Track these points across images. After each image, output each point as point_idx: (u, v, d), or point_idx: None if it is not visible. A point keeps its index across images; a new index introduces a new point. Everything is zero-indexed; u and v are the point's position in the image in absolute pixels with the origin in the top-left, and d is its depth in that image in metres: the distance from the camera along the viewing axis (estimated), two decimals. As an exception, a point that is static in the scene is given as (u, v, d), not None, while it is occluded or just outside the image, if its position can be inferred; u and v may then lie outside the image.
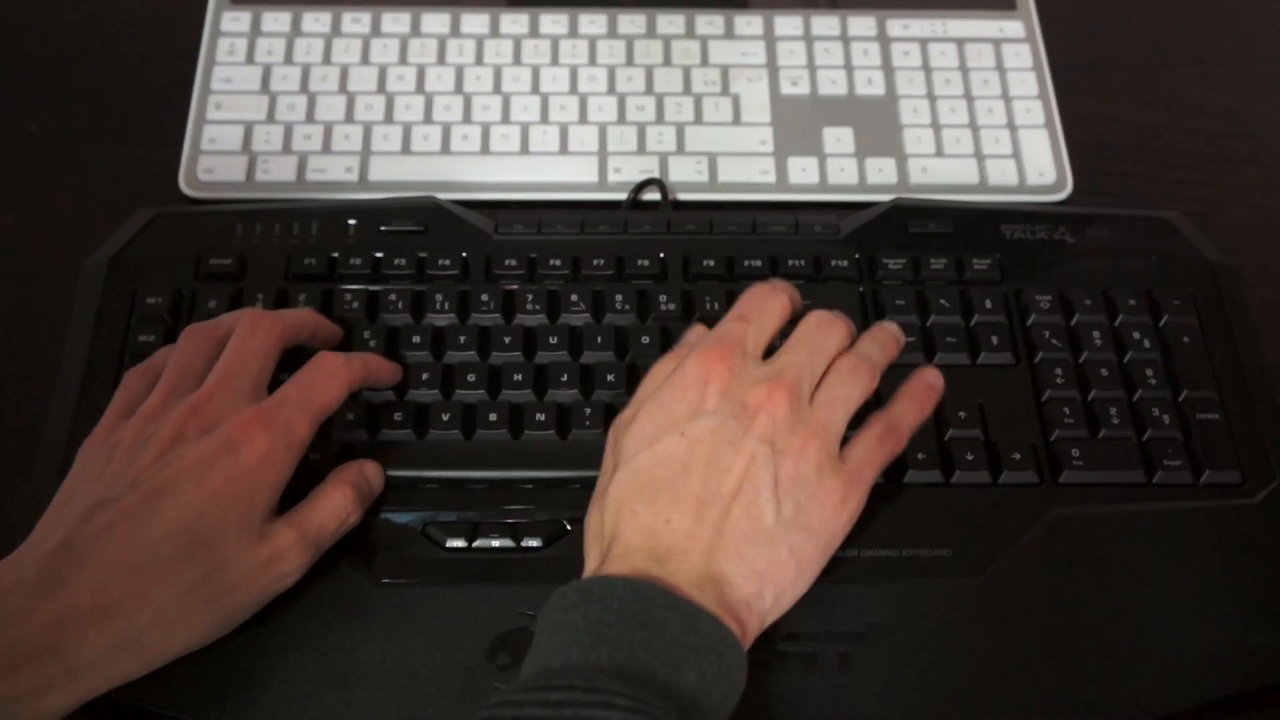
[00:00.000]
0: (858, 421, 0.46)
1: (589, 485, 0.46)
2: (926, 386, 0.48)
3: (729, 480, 0.42)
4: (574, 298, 0.54)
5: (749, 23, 0.66)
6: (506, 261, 0.56)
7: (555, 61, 0.65)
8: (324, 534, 0.45)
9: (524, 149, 0.62)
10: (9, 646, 0.37)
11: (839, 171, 0.62)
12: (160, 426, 0.43)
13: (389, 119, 0.62)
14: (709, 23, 0.66)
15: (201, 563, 0.41)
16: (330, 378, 0.46)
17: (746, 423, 0.42)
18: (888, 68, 0.65)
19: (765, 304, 0.47)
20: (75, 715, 0.40)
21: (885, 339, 0.48)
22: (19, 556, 0.41)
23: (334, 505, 0.46)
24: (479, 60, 0.65)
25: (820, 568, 0.44)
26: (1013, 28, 0.67)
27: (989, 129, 0.63)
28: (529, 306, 0.54)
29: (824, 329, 0.46)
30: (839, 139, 0.63)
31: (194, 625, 0.41)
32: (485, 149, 0.62)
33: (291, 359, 0.50)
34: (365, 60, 0.65)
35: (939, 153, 0.62)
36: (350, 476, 0.47)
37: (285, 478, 0.43)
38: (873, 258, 0.57)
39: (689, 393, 0.43)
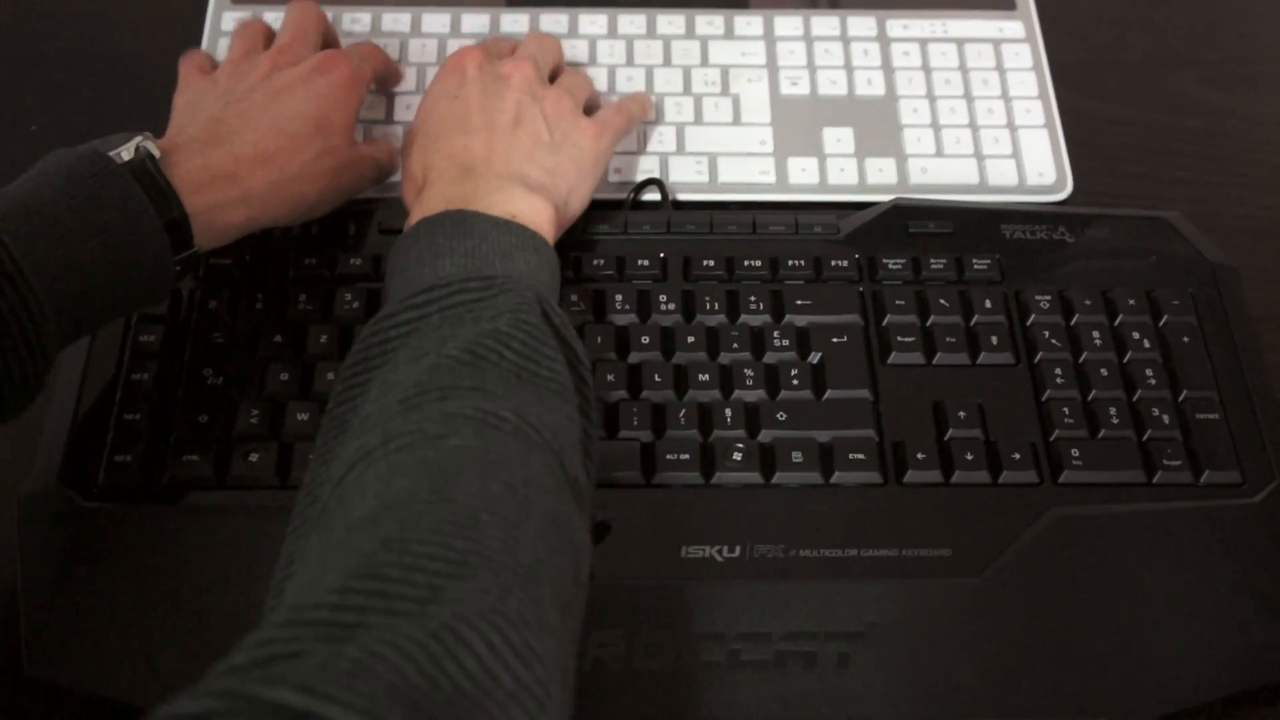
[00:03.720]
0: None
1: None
2: (645, 99, 0.62)
3: (506, 111, 0.52)
4: (574, 298, 0.54)
5: (749, 23, 0.66)
6: (506, 261, 0.55)
7: (555, 61, 0.65)
8: (381, 159, 0.57)
9: (524, 149, 0.62)
10: (197, 171, 0.48)
11: (839, 171, 0.62)
12: (252, 67, 0.54)
13: (389, 119, 0.62)
14: (709, 23, 0.66)
15: (322, 141, 0.52)
16: (375, 51, 0.60)
17: (504, 83, 0.53)
18: (888, 68, 0.65)
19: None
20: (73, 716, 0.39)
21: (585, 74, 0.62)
22: (176, 134, 0.50)
23: (384, 147, 0.58)
24: (479, 60, 0.65)
25: (595, 178, 0.55)
26: (1013, 28, 0.67)
27: (989, 129, 0.63)
28: (529, 306, 0.54)
29: (544, 39, 0.59)
30: (839, 139, 0.62)
31: (317, 189, 0.52)
32: (485, 149, 0.62)
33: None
34: (365, 60, 0.64)
35: (939, 153, 0.62)
36: (386, 144, 0.59)
37: (360, 103, 0.55)
38: (873, 258, 0.57)
39: (451, 75, 0.54)
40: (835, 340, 0.54)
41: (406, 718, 0.27)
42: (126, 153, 0.46)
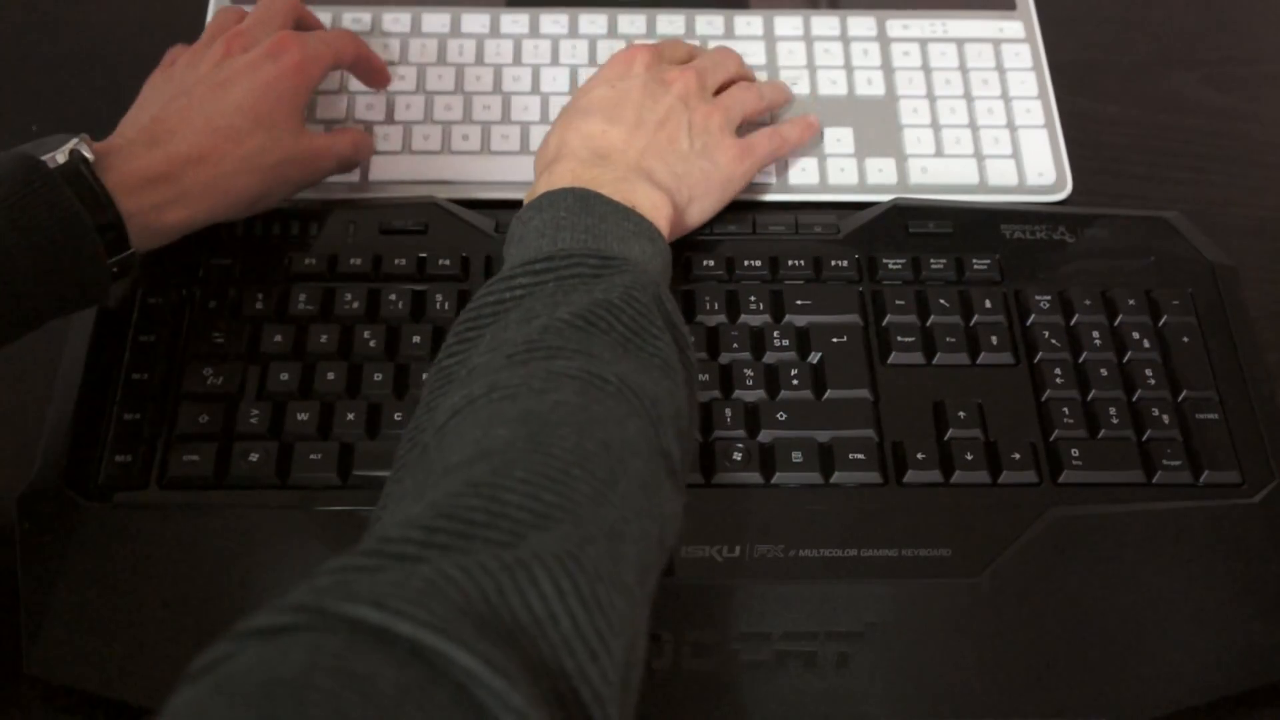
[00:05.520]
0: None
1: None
2: (809, 122, 0.61)
3: (658, 111, 0.53)
4: (574, 298, 0.54)
5: (749, 23, 0.66)
6: (506, 261, 0.55)
7: (555, 62, 0.65)
8: (341, 151, 0.56)
9: (524, 149, 0.62)
10: (136, 173, 0.48)
11: (839, 171, 0.62)
12: (208, 51, 0.54)
13: (389, 119, 0.62)
14: (709, 23, 0.66)
15: (261, 136, 0.51)
16: (343, 35, 0.58)
17: (665, 87, 0.55)
18: (888, 68, 0.65)
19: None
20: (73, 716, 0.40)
21: (779, 86, 0.62)
22: (117, 135, 0.51)
23: (348, 138, 0.57)
24: (479, 60, 0.65)
25: (721, 198, 0.55)
26: (1013, 28, 0.67)
27: (989, 129, 0.63)
28: (529, 306, 0.54)
29: (722, 54, 0.60)
30: (839, 139, 0.62)
31: (259, 182, 0.52)
32: (485, 149, 0.62)
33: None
34: (365, 60, 0.64)
35: (939, 153, 0.62)
36: (353, 134, 0.58)
37: (313, 87, 0.54)
38: (873, 258, 0.57)
39: (617, 66, 0.56)
40: (835, 340, 0.54)
41: (477, 637, 0.27)
42: (61, 156, 0.46)
